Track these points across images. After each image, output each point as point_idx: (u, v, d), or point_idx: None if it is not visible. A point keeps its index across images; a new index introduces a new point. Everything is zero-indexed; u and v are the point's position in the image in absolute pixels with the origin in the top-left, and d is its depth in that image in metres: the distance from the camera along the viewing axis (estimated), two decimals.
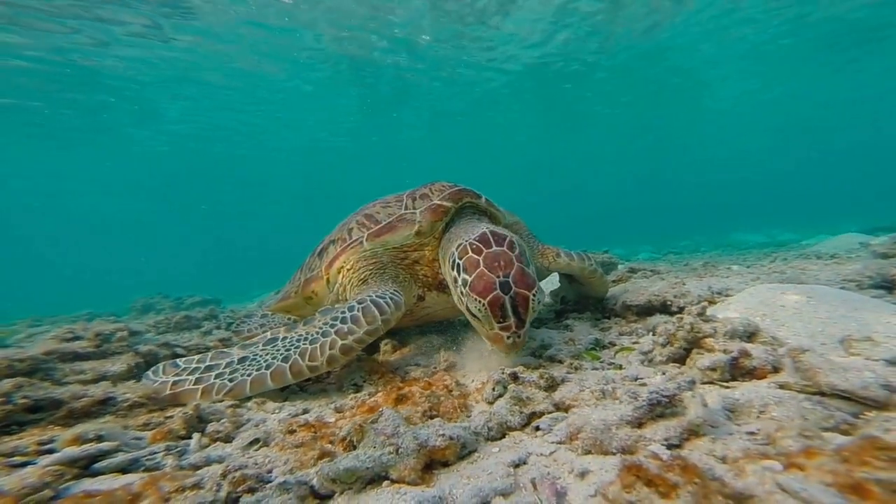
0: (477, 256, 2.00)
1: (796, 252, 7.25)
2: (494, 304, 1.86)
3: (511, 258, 1.99)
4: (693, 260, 7.97)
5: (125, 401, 1.71)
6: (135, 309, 8.19)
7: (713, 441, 1.21)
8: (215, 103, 16.62)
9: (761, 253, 8.32)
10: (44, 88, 13.18)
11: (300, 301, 2.92)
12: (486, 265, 1.95)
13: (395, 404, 1.87)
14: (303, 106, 18.09)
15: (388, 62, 14.29)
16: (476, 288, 1.91)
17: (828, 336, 1.66)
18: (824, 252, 6.41)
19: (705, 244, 14.89)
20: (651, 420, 1.35)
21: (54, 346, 2.23)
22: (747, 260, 7.02)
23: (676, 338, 1.86)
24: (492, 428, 1.60)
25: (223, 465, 1.22)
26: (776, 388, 1.43)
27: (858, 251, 5.87)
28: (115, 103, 15.27)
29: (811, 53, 16.66)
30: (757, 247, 11.40)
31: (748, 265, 5.71)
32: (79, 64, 11.85)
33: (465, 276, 1.98)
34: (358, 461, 1.21)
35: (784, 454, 1.03)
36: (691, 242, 16.82)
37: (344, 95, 17.21)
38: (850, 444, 0.94)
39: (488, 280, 1.90)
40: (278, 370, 2.05)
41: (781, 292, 1.99)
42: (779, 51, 16.08)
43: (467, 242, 2.09)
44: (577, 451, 1.35)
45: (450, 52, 13.78)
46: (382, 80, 15.97)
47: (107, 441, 1.35)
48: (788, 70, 18.52)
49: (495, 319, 1.88)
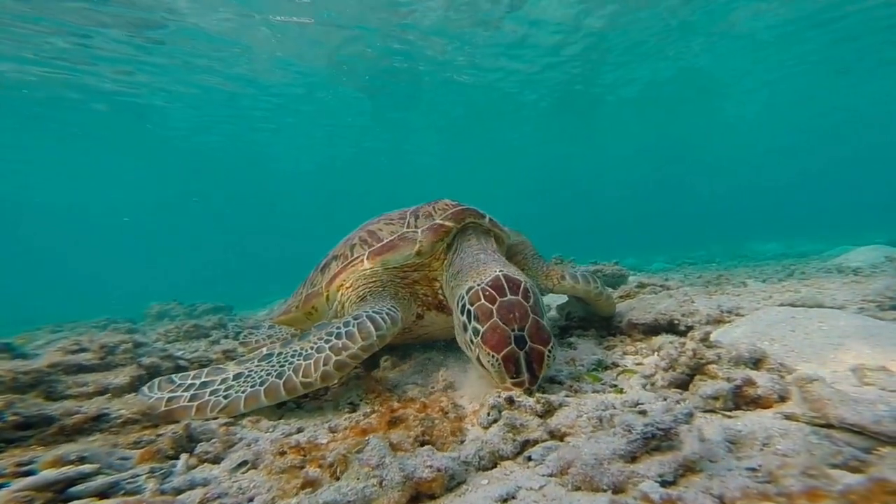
0: (490, 305, 1.90)
1: (816, 265, 7.01)
2: (508, 360, 1.80)
3: (526, 310, 1.89)
4: (706, 272, 7.78)
5: (118, 417, 1.70)
6: (150, 315, 8.38)
7: (710, 478, 1.15)
8: (228, 109, 17.01)
9: (779, 265, 8.08)
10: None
11: (301, 316, 2.93)
12: (500, 316, 1.86)
13: (388, 428, 1.84)
14: (315, 112, 18.40)
15: (400, 66, 14.42)
16: (490, 342, 1.83)
17: (840, 364, 1.57)
18: (846, 266, 6.17)
19: (721, 255, 14.55)
20: (646, 454, 1.29)
21: (59, 358, 2.26)
22: (764, 273, 6.81)
23: (679, 363, 1.79)
24: (483, 457, 1.56)
25: (204, 491, 1.20)
26: (782, 418, 1.36)
27: (884, 266, 5.63)
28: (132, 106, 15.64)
29: (834, 56, 16.28)
30: (775, 258, 11.08)
31: (763, 279, 5.54)
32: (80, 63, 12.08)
33: (477, 326, 1.89)
34: (339, 494, 1.18)
35: (786, 494, 0.97)
36: (706, 252, 16.48)
37: (356, 101, 17.45)
38: (859, 485, 0.87)
39: (502, 333, 1.82)
40: (272, 386, 2.02)
41: (792, 316, 1.91)
42: (800, 54, 15.77)
43: (479, 288, 1.99)
44: (568, 486, 1.29)
45: (462, 54, 13.83)
46: (394, 85, 16.14)
47: (89, 463, 1.33)
48: (811, 72, 18.09)
49: (508, 375, 1.81)
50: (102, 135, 18.03)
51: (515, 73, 15.73)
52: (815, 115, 26.53)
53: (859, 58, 16.55)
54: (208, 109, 16.94)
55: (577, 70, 15.65)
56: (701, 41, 14.09)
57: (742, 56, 15.53)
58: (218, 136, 20.19)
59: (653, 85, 17.75)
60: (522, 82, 16.66)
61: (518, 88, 17.39)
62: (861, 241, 10.74)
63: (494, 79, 16.11)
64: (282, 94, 16.13)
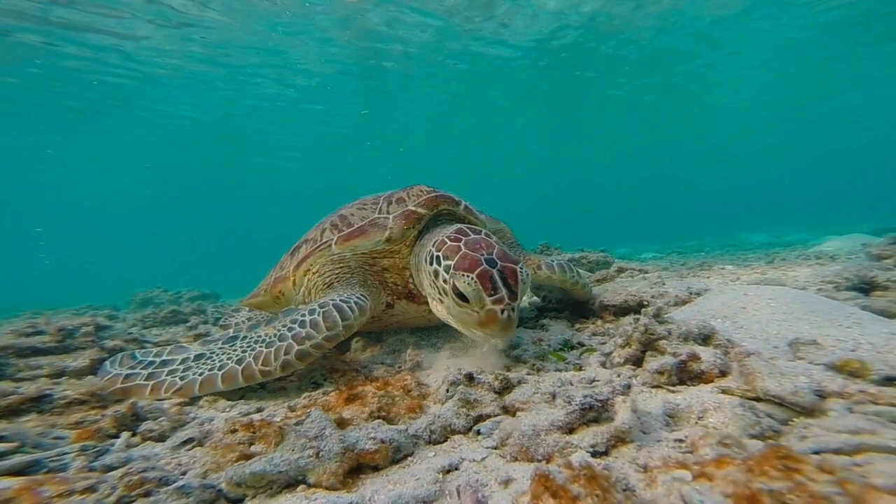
0: (457, 244, 1.96)
1: (797, 252, 7.09)
2: (484, 277, 1.80)
3: (491, 242, 1.97)
4: (691, 260, 7.84)
5: (63, 398, 1.68)
6: (134, 302, 8.31)
7: (638, 448, 1.17)
8: (219, 94, 16.74)
9: (762, 253, 8.16)
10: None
11: (269, 300, 2.90)
12: (468, 248, 1.92)
13: (345, 404, 1.85)
14: (307, 100, 18.14)
15: (393, 49, 14.20)
16: (462, 266, 1.84)
17: (781, 339, 1.59)
18: (825, 253, 6.26)
19: (711, 244, 14.67)
20: (583, 425, 1.30)
21: (11, 340, 2.22)
22: (748, 260, 6.87)
23: (633, 339, 1.81)
24: (434, 431, 1.57)
25: (129, 466, 1.19)
26: (719, 392, 1.38)
27: (859, 252, 5.70)
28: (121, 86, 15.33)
29: (826, 48, 16.23)
30: (762, 247, 11.19)
31: (745, 265, 5.59)
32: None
33: (448, 262, 1.91)
34: (270, 465, 1.18)
35: (700, 462, 0.98)
36: (698, 242, 16.61)
37: (349, 85, 17.20)
38: (758, 452, 0.89)
39: (474, 257, 1.86)
40: (230, 372, 2.00)
41: (745, 293, 1.92)
42: (792, 45, 15.71)
43: (444, 236, 2.06)
44: (507, 457, 1.31)
45: (456, 36, 13.62)
46: (387, 69, 15.90)
47: (7, 442, 1.31)
48: (804, 64, 18.05)
49: (486, 293, 1.78)
50: (95, 117, 17.70)
51: (507, 57, 15.55)
52: (813, 107, 26.49)
53: (854, 45, 16.49)
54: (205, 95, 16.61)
55: (570, 54, 15.48)
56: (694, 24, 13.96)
57: (736, 46, 15.44)
58: (211, 115, 19.77)
59: (649, 72, 17.64)
60: (514, 67, 16.47)
61: (511, 74, 17.21)
62: (848, 231, 10.86)
63: (486, 61, 15.90)
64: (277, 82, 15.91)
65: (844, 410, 1.13)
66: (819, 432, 1.07)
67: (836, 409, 1.16)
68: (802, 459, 0.83)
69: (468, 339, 2.75)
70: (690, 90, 20.56)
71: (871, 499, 0.74)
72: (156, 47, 12.51)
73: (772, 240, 14.02)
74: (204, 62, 13.86)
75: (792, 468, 0.81)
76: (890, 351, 1.38)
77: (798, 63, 17.97)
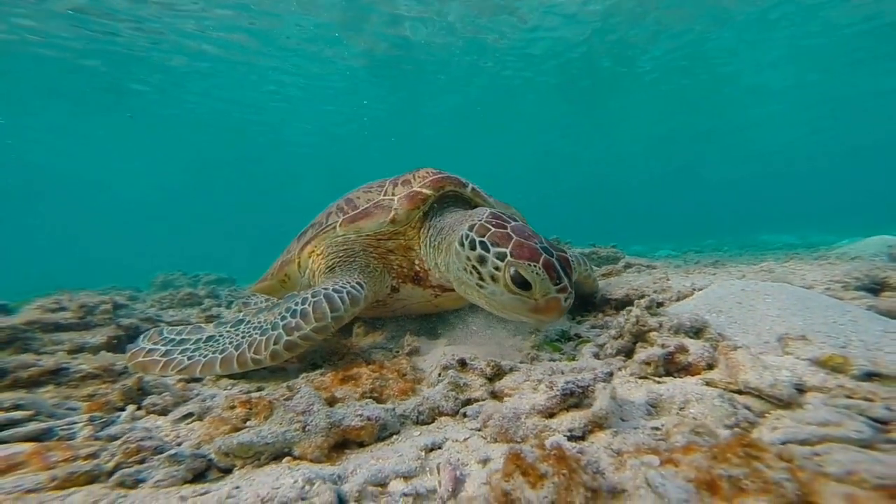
0: (503, 230, 1.89)
1: (818, 254, 6.85)
2: (549, 266, 1.76)
3: (533, 231, 1.92)
4: (706, 258, 7.67)
5: (78, 372, 1.78)
6: (155, 285, 8.60)
7: (615, 434, 1.19)
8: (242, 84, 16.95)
9: (781, 254, 7.91)
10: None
11: (276, 284, 2.95)
12: (519, 235, 1.85)
13: (339, 384, 1.90)
14: (327, 92, 18.25)
15: (416, 42, 14.19)
16: (524, 255, 1.77)
17: (772, 334, 1.58)
18: (847, 254, 6.01)
19: (729, 244, 14.27)
20: (563, 410, 1.33)
21: (37, 315, 2.34)
22: (765, 260, 6.69)
23: (625, 331, 1.81)
24: (422, 412, 1.61)
25: (126, 436, 1.27)
26: (702, 384, 1.38)
27: (884, 254, 5.48)
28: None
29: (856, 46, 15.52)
30: (784, 248, 10.83)
31: (756, 264, 5.44)
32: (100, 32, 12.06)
33: (500, 250, 1.82)
34: (258, 437, 1.23)
35: (670, 449, 1.00)
36: (716, 241, 16.19)
37: (369, 81, 17.24)
38: (723, 440, 0.90)
39: (531, 246, 1.80)
40: (227, 358, 2.05)
41: (742, 289, 1.90)
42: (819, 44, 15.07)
43: (482, 222, 1.97)
44: (487, 438, 1.34)
45: (475, 34, 13.50)
46: (407, 64, 15.90)
47: (23, 410, 1.40)
48: (835, 56, 17.27)
49: (552, 282, 1.75)
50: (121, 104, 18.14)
51: (528, 53, 15.35)
52: (843, 103, 25.37)
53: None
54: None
55: (591, 54, 15.20)
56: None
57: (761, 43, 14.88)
58: (231, 104, 20.08)
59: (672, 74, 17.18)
60: (534, 65, 16.25)
61: (530, 72, 16.98)
62: (877, 232, 10.42)
63: (505, 60, 15.74)
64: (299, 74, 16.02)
65: (820, 404, 1.13)
66: (789, 423, 1.08)
67: (812, 402, 1.15)
68: (765, 448, 0.84)
69: (467, 329, 2.80)
70: (717, 75, 19.77)
71: (817, 485, 0.75)
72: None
73: (796, 241, 13.56)
74: (241, 51, 14.02)
75: (753, 456, 0.82)
76: (880, 348, 1.36)
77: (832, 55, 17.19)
